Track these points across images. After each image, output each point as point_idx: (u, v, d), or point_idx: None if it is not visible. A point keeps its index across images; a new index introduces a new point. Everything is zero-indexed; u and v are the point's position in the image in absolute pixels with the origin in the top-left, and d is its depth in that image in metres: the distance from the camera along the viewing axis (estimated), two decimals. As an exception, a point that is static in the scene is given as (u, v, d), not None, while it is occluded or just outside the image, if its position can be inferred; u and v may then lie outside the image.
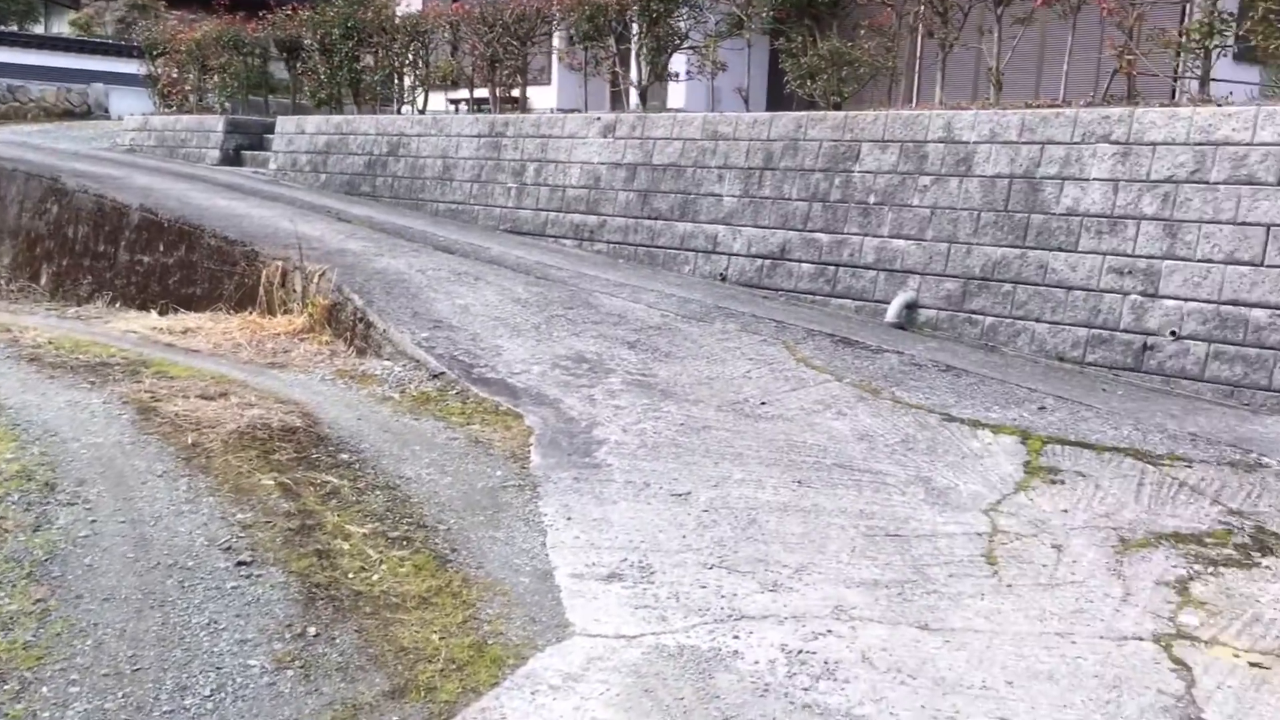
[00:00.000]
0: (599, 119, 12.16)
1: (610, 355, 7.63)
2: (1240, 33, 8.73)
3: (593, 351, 7.70)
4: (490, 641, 3.86)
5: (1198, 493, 5.54)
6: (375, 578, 4.28)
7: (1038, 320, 8.30)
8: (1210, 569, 4.68)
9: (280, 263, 9.54)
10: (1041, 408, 6.81)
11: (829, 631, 4.01)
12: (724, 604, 4.20)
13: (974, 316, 8.69)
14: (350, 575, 4.28)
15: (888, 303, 9.15)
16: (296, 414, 6.12)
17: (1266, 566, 4.74)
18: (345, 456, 5.56)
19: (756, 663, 3.77)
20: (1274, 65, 8.41)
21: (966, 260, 8.76)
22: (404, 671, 3.64)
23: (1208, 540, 4.98)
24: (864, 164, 9.55)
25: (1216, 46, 8.68)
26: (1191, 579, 4.58)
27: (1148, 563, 4.72)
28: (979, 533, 4.97)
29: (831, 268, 9.67)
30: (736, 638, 3.94)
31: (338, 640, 3.81)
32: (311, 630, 3.85)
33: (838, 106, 10.67)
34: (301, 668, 3.63)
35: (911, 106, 10.48)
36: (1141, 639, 4.06)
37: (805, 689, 3.61)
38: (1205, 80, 8.79)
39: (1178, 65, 9.15)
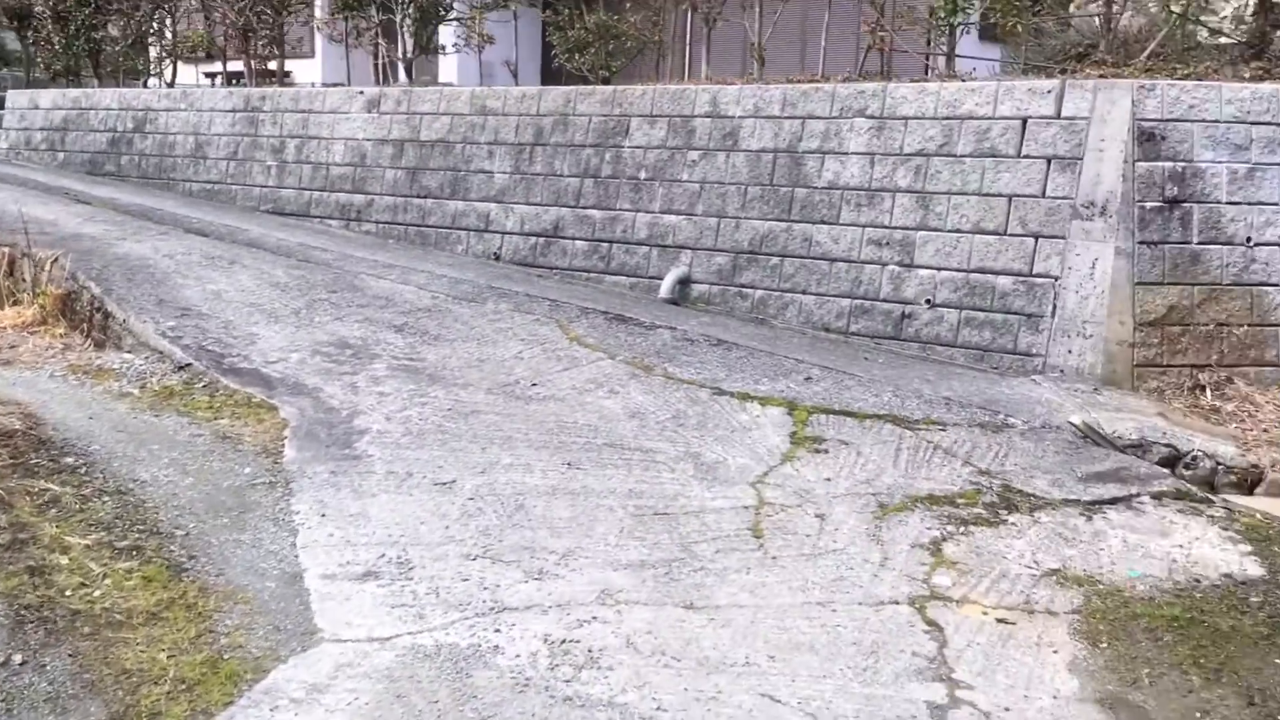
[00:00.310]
0: (363, 93, 11.65)
1: (376, 340, 7.29)
2: (983, 11, 9.16)
3: (357, 337, 7.35)
4: (227, 656, 3.55)
5: (951, 455, 5.74)
6: (97, 594, 3.87)
7: (804, 292, 8.47)
8: (961, 529, 4.83)
9: (7, 250, 8.71)
10: (808, 378, 6.93)
11: (594, 618, 3.90)
12: (486, 596, 4.02)
13: (745, 290, 8.78)
14: (68, 593, 3.86)
15: (661, 279, 9.14)
16: (16, 415, 5.53)
17: (1012, 523, 4.94)
18: (70, 460, 5.05)
19: (518, 656, 3.62)
20: (1013, 42, 8.85)
21: (736, 234, 8.84)
22: (125, 697, 3.29)
23: (959, 501, 5.15)
24: (634, 139, 9.50)
25: (961, 24, 9.07)
26: (944, 540, 4.71)
27: (904, 526, 4.83)
28: (746, 506, 4.98)
29: (605, 244, 9.59)
30: (498, 631, 3.78)
31: (49, 667, 3.41)
32: (17, 658, 3.44)
33: (607, 81, 10.59)
34: (3, 701, 3.22)
35: (681, 81, 10.51)
36: (898, 603, 4.13)
37: (567, 680, 3.48)
38: (951, 56, 9.17)
39: (928, 41, 9.51)
